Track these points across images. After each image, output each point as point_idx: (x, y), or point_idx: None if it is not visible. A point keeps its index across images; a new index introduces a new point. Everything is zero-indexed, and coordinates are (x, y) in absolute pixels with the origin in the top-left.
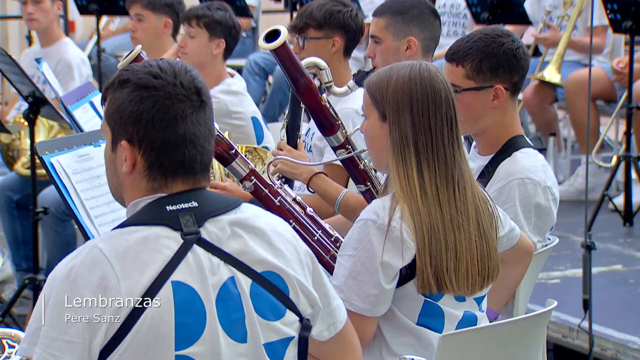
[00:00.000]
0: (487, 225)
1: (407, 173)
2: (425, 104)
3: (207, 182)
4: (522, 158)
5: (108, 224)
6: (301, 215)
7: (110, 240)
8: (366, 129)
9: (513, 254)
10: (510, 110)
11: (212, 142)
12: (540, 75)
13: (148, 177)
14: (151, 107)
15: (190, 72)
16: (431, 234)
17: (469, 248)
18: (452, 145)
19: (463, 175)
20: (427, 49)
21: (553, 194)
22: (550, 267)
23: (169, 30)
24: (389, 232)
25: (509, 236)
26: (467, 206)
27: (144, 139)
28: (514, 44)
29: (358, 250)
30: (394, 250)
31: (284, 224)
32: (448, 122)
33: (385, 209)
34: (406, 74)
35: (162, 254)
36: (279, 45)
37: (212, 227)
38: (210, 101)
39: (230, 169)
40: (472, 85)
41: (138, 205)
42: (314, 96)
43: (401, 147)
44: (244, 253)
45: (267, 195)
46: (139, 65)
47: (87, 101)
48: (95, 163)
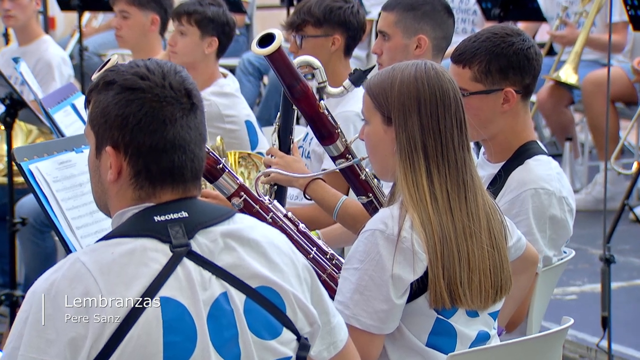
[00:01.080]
0: (498, 234)
1: (416, 179)
2: (434, 105)
3: (198, 190)
4: (536, 166)
5: (91, 236)
6: (294, 232)
7: (94, 253)
8: (368, 134)
9: (519, 264)
10: (522, 114)
11: (203, 148)
12: (555, 75)
13: (135, 186)
14: (138, 110)
15: (180, 73)
16: (443, 244)
17: (481, 258)
18: (462, 148)
19: (474, 181)
20: (438, 49)
21: (569, 204)
22: (566, 282)
23: (156, 28)
24: (399, 243)
25: (516, 246)
26: (478, 213)
27: (130, 145)
28: (524, 43)
29: (365, 262)
30: (404, 262)
31: (280, 236)
32: (458, 124)
33: (394, 218)
34: (411, 73)
35: (150, 268)
36: (273, 51)
37: (203, 239)
38: (201, 104)
39: (217, 185)
40: (481, 88)
41: (124, 216)
42: (312, 104)
43: (409, 152)
44: (238, 267)
45: (259, 211)
46: (125, 66)
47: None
48: (78, 170)
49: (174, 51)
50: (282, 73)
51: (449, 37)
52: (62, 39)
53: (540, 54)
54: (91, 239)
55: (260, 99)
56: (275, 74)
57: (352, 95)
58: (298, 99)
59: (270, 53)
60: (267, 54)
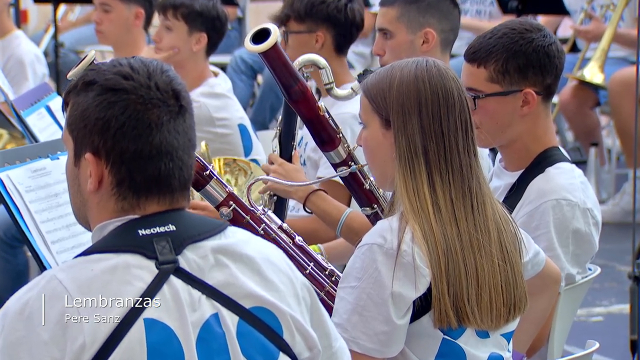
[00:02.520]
0: (510, 247)
1: (417, 187)
2: (436, 106)
3: (186, 201)
4: (557, 175)
5: (68, 251)
6: (289, 245)
7: (72, 270)
8: (366, 139)
9: (538, 283)
10: (543, 117)
11: (192, 155)
12: (579, 74)
13: (117, 196)
14: (121, 113)
15: (167, 73)
16: (448, 257)
17: (492, 273)
18: (467, 152)
19: (481, 188)
20: (446, 43)
21: (594, 216)
22: (591, 302)
23: (140, 22)
24: (399, 258)
25: (533, 262)
26: (487, 224)
27: (112, 151)
28: (545, 39)
29: (362, 280)
30: (405, 278)
31: (277, 252)
32: (462, 126)
33: (393, 230)
34: (411, 72)
35: (133, 287)
36: (269, 48)
37: (192, 255)
38: (190, 106)
39: (205, 193)
40: (497, 89)
41: (105, 229)
42: (311, 106)
43: (409, 157)
44: (230, 285)
45: (249, 223)
46: (107, 65)
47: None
48: (53, 179)
49: (159, 48)
50: (278, 72)
51: (456, 30)
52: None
53: (562, 51)
54: (68, 254)
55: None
56: (271, 73)
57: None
58: (296, 101)
59: (266, 50)
60: (261, 51)
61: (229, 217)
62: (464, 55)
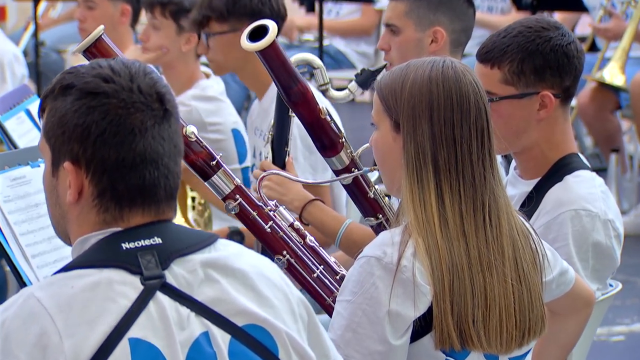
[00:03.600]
0: (528, 266)
1: (424, 197)
2: (449, 111)
3: (173, 212)
4: (576, 183)
5: (50, 266)
6: (299, 245)
7: (51, 287)
8: (376, 141)
9: (566, 304)
10: (561, 122)
11: (179, 162)
12: (599, 76)
13: (98, 208)
14: (101, 118)
15: (151, 75)
16: (453, 275)
17: (503, 294)
18: (482, 162)
19: (497, 201)
20: (457, 43)
21: (616, 228)
22: (612, 320)
23: (127, 20)
24: (398, 273)
25: (559, 280)
26: (501, 240)
27: (93, 159)
28: (563, 38)
29: (358, 295)
30: (404, 296)
31: (271, 266)
32: (478, 134)
33: (394, 244)
34: (425, 72)
35: (117, 304)
36: (266, 46)
37: (180, 270)
38: (176, 110)
39: (211, 184)
40: (512, 91)
41: (86, 243)
42: (312, 108)
43: (417, 165)
44: (221, 301)
45: (255, 219)
46: (86, 67)
47: (23, 109)
48: (33, 188)
49: (146, 47)
50: (277, 72)
51: (469, 31)
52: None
53: (582, 50)
54: (49, 269)
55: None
56: (269, 74)
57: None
58: (296, 103)
59: (263, 48)
60: (258, 50)
61: (235, 211)
62: (476, 55)
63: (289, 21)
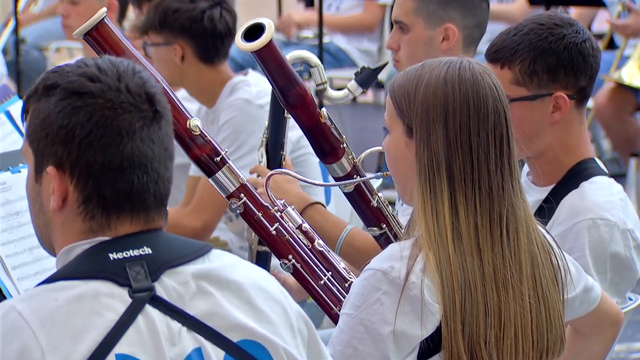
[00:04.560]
0: (547, 282)
1: (437, 209)
2: (465, 117)
3: (163, 220)
4: (593, 190)
5: (31, 278)
6: (307, 249)
7: (33, 300)
8: (388, 146)
9: (591, 323)
10: (576, 124)
11: (170, 167)
12: (617, 75)
13: (84, 215)
14: (87, 119)
15: (140, 74)
16: (465, 293)
17: (519, 313)
18: (500, 172)
19: (515, 214)
20: (470, 41)
21: (635, 238)
22: (631, 336)
23: (113, 15)
24: (405, 290)
25: (583, 298)
26: (518, 255)
27: (78, 163)
28: (578, 35)
29: (361, 310)
30: (411, 314)
31: (268, 278)
32: (496, 141)
33: (403, 257)
34: (441, 74)
35: (104, 318)
36: (263, 46)
37: (171, 282)
38: (166, 111)
39: (215, 180)
40: (524, 93)
41: (71, 253)
42: (311, 112)
43: (430, 173)
44: (215, 316)
45: (260, 220)
46: (71, 65)
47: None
48: (14, 195)
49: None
50: (274, 74)
51: (482, 26)
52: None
53: (598, 48)
54: (31, 281)
55: None
56: (265, 75)
57: (249, 80)
58: (294, 106)
59: (259, 48)
60: (254, 50)
61: (239, 211)
62: (485, 54)
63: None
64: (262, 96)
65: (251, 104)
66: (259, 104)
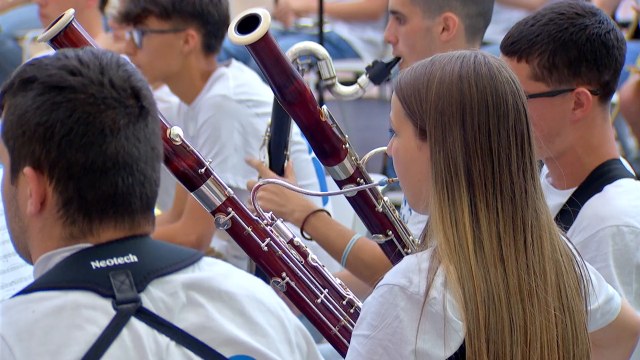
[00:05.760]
0: (572, 293)
1: (456, 217)
2: (484, 115)
3: (150, 225)
4: (619, 194)
5: (7, 288)
6: (300, 266)
7: (9, 312)
8: (397, 150)
9: (611, 335)
10: (600, 122)
11: (157, 168)
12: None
13: (64, 220)
14: (67, 116)
15: (125, 67)
16: (489, 308)
17: (545, 327)
18: (522, 174)
19: (539, 219)
20: (473, 31)
21: None
22: None
23: (94, 2)
24: (426, 306)
25: (604, 309)
26: (543, 264)
27: (57, 164)
28: (601, 25)
29: (379, 330)
30: (433, 332)
31: (265, 288)
32: (517, 141)
33: (421, 271)
34: (454, 69)
35: (85, 332)
36: (258, 39)
37: (158, 292)
38: (154, 108)
39: (199, 194)
40: (543, 89)
41: (50, 261)
42: (309, 110)
43: (447, 179)
44: (206, 329)
45: (250, 236)
46: (50, 58)
47: None
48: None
49: (118, 35)
50: (270, 69)
51: (486, 14)
52: None
53: (623, 39)
54: (6, 292)
55: None
56: (261, 70)
57: (228, 74)
58: (291, 103)
59: (254, 42)
60: (249, 43)
61: (227, 227)
62: (501, 46)
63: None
64: (242, 91)
65: (228, 99)
66: (238, 99)
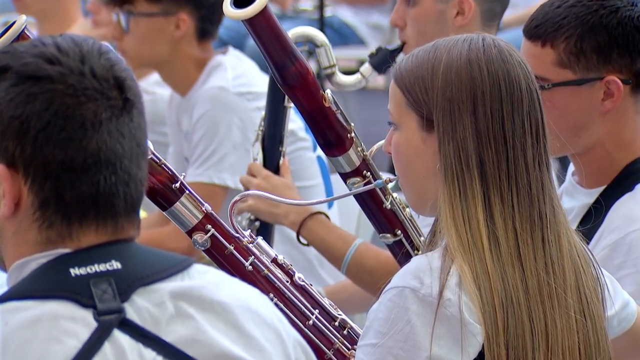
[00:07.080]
0: (591, 295)
1: (468, 212)
2: (497, 101)
3: (135, 229)
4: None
5: None
6: (286, 286)
7: None
8: (397, 145)
9: (627, 343)
10: (631, 114)
11: (143, 166)
12: None
13: (40, 222)
14: (44, 109)
15: (107, 55)
16: (508, 310)
17: (567, 330)
18: (538, 165)
19: (555, 214)
20: (490, 16)
21: None
22: None
23: None
24: (440, 308)
25: (621, 316)
26: (562, 263)
27: (33, 161)
28: (635, 8)
29: (388, 337)
30: (448, 337)
31: (260, 298)
32: (533, 129)
33: (433, 271)
34: (462, 53)
35: (64, 346)
36: (256, 13)
37: (144, 302)
38: (139, 100)
39: (172, 214)
40: (569, 77)
41: (25, 268)
42: (313, 94)
43: (458, 171)
44: (196, 343)
45: (232, 255)
46: (26, 45)
47: None
48: None
49: (97, 21)
50: (269, 47)
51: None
52: None
53: None
54: None
55: None
56: (260, 49)
57: (226, 65)
58: (292, 86)
59: (252, 16)
60: (247, 18)
61: (205, 247)
62: (524, 30)
63: None
64: (241, 82)
65: (227, 92)
66: (237, 92)
